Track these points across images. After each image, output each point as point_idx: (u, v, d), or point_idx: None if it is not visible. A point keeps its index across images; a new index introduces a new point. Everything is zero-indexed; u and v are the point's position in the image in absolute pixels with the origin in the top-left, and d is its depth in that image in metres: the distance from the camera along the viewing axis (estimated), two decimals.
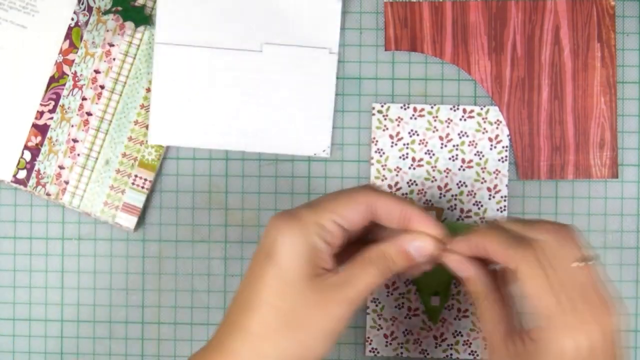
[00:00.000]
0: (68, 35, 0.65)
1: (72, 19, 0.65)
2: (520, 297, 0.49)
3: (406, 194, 0.65)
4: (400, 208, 0.51)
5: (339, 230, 0.50)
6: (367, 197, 0.51)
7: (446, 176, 0.65)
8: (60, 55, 0.65)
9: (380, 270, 0.51)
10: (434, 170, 0.65)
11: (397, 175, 0.65)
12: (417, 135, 0.65)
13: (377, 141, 0.65)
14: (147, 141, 0.65)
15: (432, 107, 0.65)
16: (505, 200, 0.64)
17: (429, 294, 0.63)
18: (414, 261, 0.52)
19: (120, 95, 0.65)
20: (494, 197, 0.65)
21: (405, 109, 0.65)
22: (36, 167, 0.65)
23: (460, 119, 0.65)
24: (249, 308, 0.49)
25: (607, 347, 0.48)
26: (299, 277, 0.49)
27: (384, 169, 0.65)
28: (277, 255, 0.49)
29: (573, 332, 0.47)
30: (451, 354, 0.64)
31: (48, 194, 0.65)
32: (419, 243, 0.52)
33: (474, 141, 0.65)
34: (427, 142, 0.65)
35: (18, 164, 0.65)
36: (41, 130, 0.65)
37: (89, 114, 0.65)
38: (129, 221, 0.65)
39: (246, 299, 0.49)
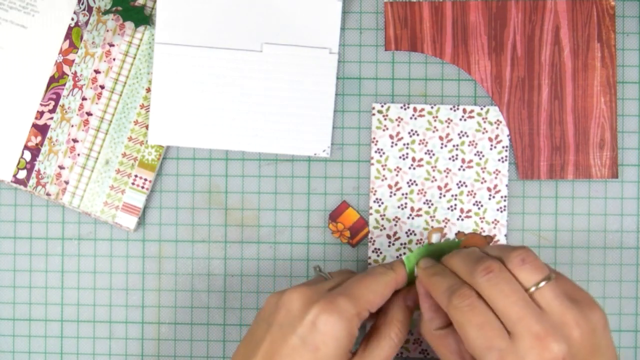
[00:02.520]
0: (68, 35, 0.65)
1: (72, 19, 0.65)
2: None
3: (406, 193, 0.65)
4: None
5: (368, 314, 0.55)
6: (391, 288, 0.56)
7: (446, 176, 0.65)
8: (60, 55, 0.65)
9: (395, 341, 0.55)
10: (434, 170, 0.65)
11: (397, 175, 0.65)
12: (417, 135, 0.65)
13: (377, 141, 0.65)
14: (147, 141, 0.65)
15: (432, 107, 0.65)
16: (505, 200, 0.64)
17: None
18: (412, 310, 0.57)
19: (120, 95, 0.65)
20: (494, 197, 0.65)
21: (405, 109, 0.65)
22: (36, 167, 0.65)
23: (460, 119, 0.65)
24: None
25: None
26: None
27: (384, 169, 0.65)
28: (321, 347, 0.52)
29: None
30: None
31: (48, 194, 0.65)
32: (413, 294, 0.57)
33: (474, 141, 0.65)
34: (427, 142, 0.65)
35: (18, 164, 0.65)
36: (41, 130, 0.65)
37: (89, 114, 0.65)
38: (129, 221, 0.65)
39: None
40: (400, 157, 0.65)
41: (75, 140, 0.65)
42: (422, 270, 0.56)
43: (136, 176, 0.65)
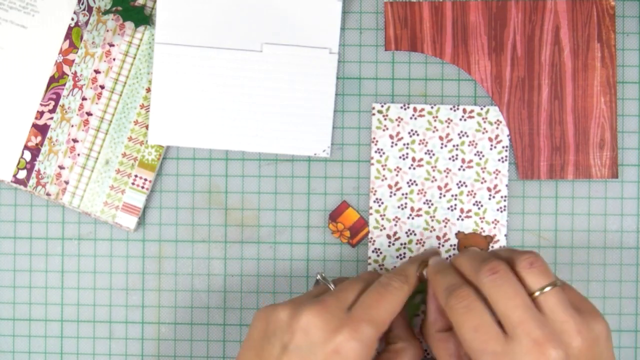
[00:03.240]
0: (68, 35, 0.65)
1: (72, 19, 0.65)
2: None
3: (406, 193, 0.65)
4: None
5: None
6: (403, 298, 0.55)
7: (446, 176, 0.65)
8: (60, 55, 0.65)
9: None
10: (434, 170, 0.65)
11: (397, 175, 0.65)
12: (417, 135, 0.65)
13: (377, 141, 0.65)
14: (147, 141, 0.65)
15: (432, 107, 0.65)
16: (505, 200, 0.64)
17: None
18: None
19: (120, 95, 0.65)
20: (494, 197, 0.65)
21: (405, 109, 0.65)
22: (36, 167, 0.65)
23: (460, 119, 0.65)
24: None
25: None
26: None
27: (384, 169, 0.65)
28: None
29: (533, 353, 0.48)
30: None
31: (48, 194, 0.65)
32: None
33: (474, 141, 0.65)
34: (427, 142, 0.65)
35: (18, 164, 0.65)
36: (41, 130, 0.65)
37: (89, 114, 0.65)
38: (129, 221, 0.65)
39: None
40: (400, 157, 0.65)
41: (75, 140, 0.65)
42: (428, 268, 0.56)
43: (136, 176, 0.65)
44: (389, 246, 0.65)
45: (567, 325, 0.49)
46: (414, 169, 0.65)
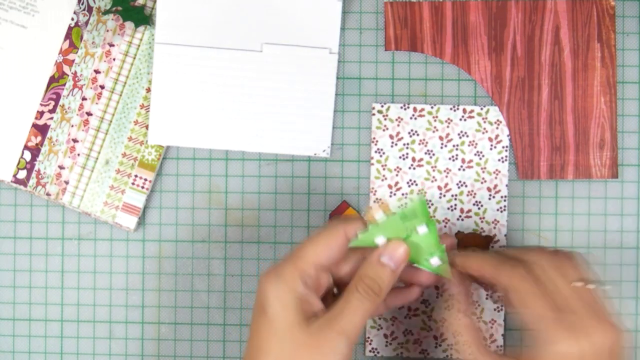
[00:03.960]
0: (68, 35, 0.65)
1: (72, 19, 0.65)
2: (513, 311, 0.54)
3: (406, 194, 0.65)
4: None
5: (322, 272, 0.54)
6: (338, 231, 0.54)
7: (446, 176, 0.65)
8: (60, 55, 0.65)
9: (365, 297, 0.53)
10: (434, 170, 0.65)
11: (397, 175, 0.65)
12: (417, 135, 0.65)
13: (377, 141, 0.65)
14: (147, 141, 0.65)
15: (432, 107, 0.65)
16: (505, 200, 0.64)
17: (426, 260, 0.57)
18: (393, 272, 0.54)
19: (120, 95, 0.65)
20: (494, 197, 0.65)
21: (405, 109, 0.65)
22: (36, 167, 0.65)
23: (460, 119, 0.65)
24: (254, 358, 0.53)
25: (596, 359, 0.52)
26: (290, 325, 0.52)
27: (384, 169, 0.65)
28: (268, 310, 0.52)
29: (563, 338, 0.51)
30: (451, 354, 0.64)
31: (48, 194, 0.65)
32: (389, 249, 0.54)
33: (474, 141, 0.65)
34: (427, 142, 0.65)
35: (18, 164, 0.65)
36: (41, 130, 0.65)
37: (89, 114, 0.65)
38: (129, 221, 0.65)
39: (251, 352, 0.53)
40: (400, 157, 0.65)
41: (75, 140, 0.65)
42: (464, 256, 0.57)
43: (136, 176, 0.65)
44: None
45: (605, 316, 0.53)
46: (414, 169, 0.65)
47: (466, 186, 0.65)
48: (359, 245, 0.54)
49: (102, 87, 0.65)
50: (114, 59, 0.65)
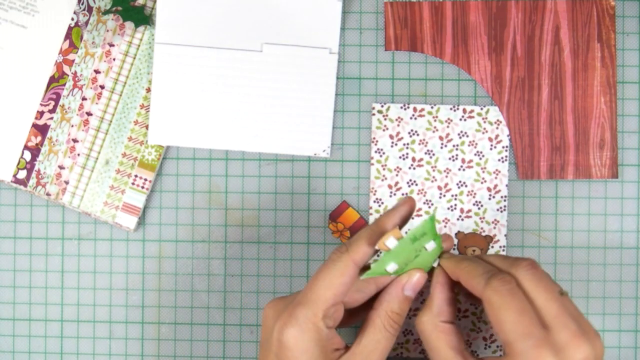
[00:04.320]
0: (68, 35, 0.65)
1: (72, 19, 0.65)
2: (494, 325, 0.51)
3: (406, 194, 0.65)
4: (374, 240, 0.54)
5: (339, 308, 0.53)
6: (347, 264, 0.53)
7: (446, 176, 0.65)
8: (60, 55, 0.65)
9: (391, 332, 0.54)
10: (434, 170, 0.65)
11: (397, 175, 0.65)
12: (417, 135, 0.65)
13: (377, 141, 0.65)
14: (147, 141, 0.65)
15: (432, 107, 0.65)
16: (505, 200, 0.64)
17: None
18: (412, 301, 0.55)
19: (120, 95, 0.65)
20: (494, 197, 0.65)
21: (405, 109, 0.65)
22: (36, 167, 0.65)
23: (460, 119, 0.65)
24: None
25: None
26: None
27: (384, 169, 0.65)
28: (288, 358, 0.51)
29: (549, 352, 0.49)
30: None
31: (48, 194, 0.65)
32: (413, 281, 0.54)
33: (474, 141, 0.65)
34: (427, 142, 0.65)
35: (18, 164, 0.65)
36: (41, 130, 0.65)
37: (89, 114, 0.65)
38: (129, 221, 0.65)
39: None
40: (400, 157, 0.65)
41: (75, 140, 0.65)
42: (448, 259, 0.55)
43: (136, 176, 0.65)
44: None
45: (588, 328, 0.50)
46: (414, 169, 0.65)
47: (466, 186, 0.65)
48: (372, 276, 0.54)
49: (102, 87, 0.65)
50: (114, 59, 0.65)
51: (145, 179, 0.65)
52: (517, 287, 0.51)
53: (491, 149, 0.65)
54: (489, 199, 0.65)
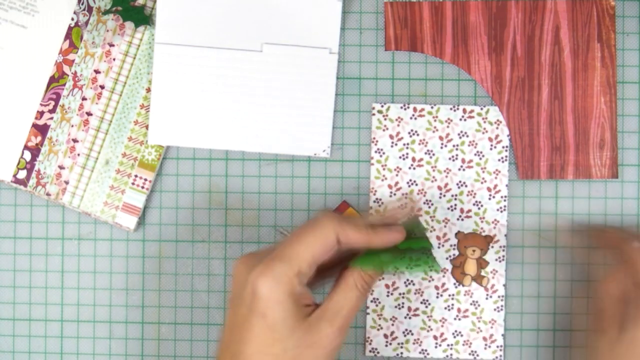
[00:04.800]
0: (68, 35, 0.65)
1: (72, 19, 0.65)
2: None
3: (406, 194, 0.65)
4: (364, 237, 0.55)
5: (313, 267, 0.54)
6: (331, 233, 0.54)
7: (446, 176, 0.65)
8: (60, 55, 0.65)
9: (361, 291, 0.55)
10: (434, 170, 0.65)
11: (397, 175, 0.65)
12: (417, 135, 0.65)
13: (377, 141, 0.65)
14: (147, 141, 0.65)
15: (432, 107, 0.65)
16: (505, 200, 0.64)
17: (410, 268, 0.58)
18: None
19: (120, 95, 0.65)
20: (494, 197, 0.65)
21: (405, 109, 0.65)
22: (36, 167, 0.65)
23: (460, 119, 0.65)
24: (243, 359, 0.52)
25: None
26: (286, 323, 0.52)
27: (384, 169, 0.65)
28: (267, 313, 0.52)
29: None
30: (451, 354, 0.64)
31: (48, 194, 0.65)
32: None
33: (474, 141, 0.65)
34: (427, 142, 0.65)
35: (18, 164, 0.65)
36: (41, 130, 0.65)
37: (89, 114, 0.65)
38: (129, 221, 0.65)
39: (238, 351, 0.53)
40: (400, 157, 0.65)
41: (75, 140, 0.65)
42: (596, 230, 0.63)
43: (136, 176, 0.65)
44: None
45: None
46: (414, 169, 0.65)
47: (466, 186, 0.65)
48: (362, 266, 0.55)
49: (102, 87, 0.65)
50: (114, 59, 0.65)
51: (145, 179, 0.65)
52: None
53: (491, 149, 0.65)
54: (489, 199, 0.65)
